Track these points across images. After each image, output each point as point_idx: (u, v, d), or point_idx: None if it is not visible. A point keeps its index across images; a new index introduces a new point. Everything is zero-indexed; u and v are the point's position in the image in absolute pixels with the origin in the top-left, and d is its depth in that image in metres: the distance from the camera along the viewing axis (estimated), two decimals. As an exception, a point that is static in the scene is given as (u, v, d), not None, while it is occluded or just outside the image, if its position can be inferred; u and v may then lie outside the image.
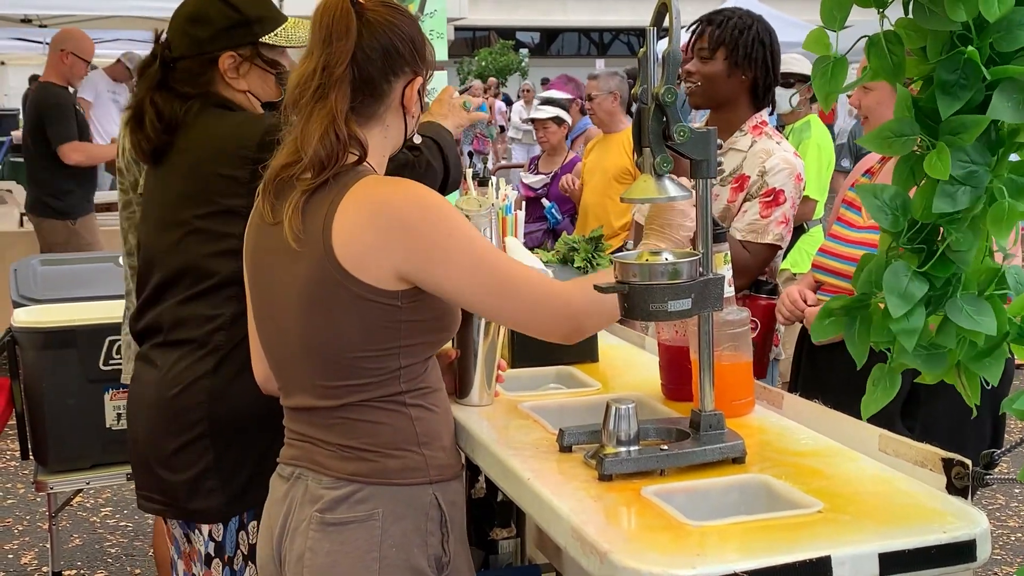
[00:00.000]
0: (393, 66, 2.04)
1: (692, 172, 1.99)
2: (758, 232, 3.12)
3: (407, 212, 1.96)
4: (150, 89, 2.49)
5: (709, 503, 1.87)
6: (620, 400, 1.99)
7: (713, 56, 3.16)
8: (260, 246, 2.13)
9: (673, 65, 1.93)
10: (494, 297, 2.00)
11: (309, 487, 2.04)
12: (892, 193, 1.63)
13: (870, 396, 1.71)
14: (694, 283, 1.95)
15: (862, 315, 1.69)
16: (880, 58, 1.64)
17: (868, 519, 1.74)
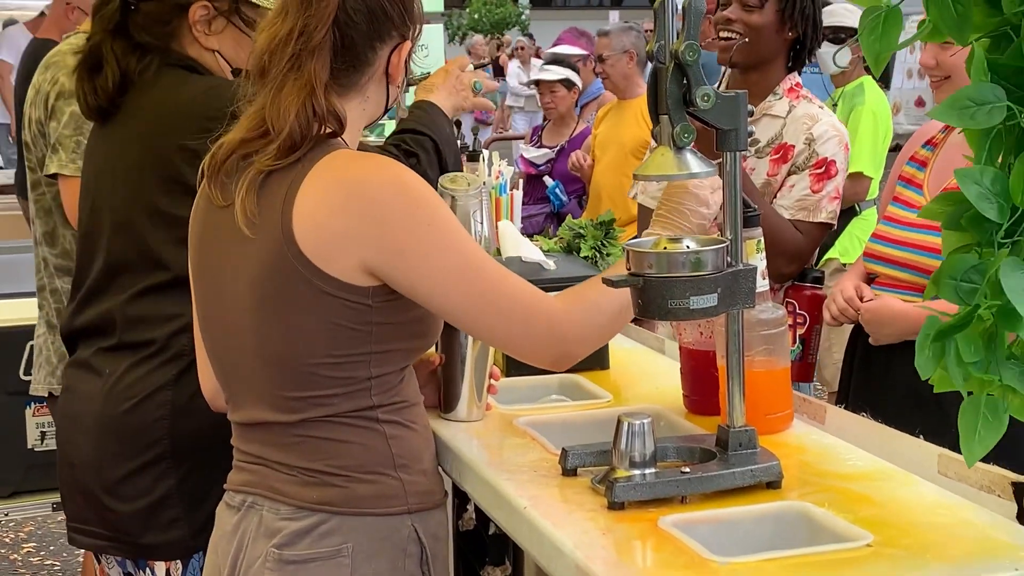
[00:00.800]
0: (379, 30, 2.05)
1: (719, 144, 1.99)
2: (809, 209, 3.13)
3: (383, 196, 1.96)
4: (107, 32, 2.48)
5: (739, 536, 1.88)
6: (634, 415, 1.99)
7: (762, 5, 3.15)
8: (207, 234, 2.13)
9: (695, 16, 1.93)
10: (473, 308, 2.01)
11: (264, 518, 2.04)
12: (993, 176, 1.61)
13: (970, 435, 1.66)
14: (720, 275, 1.95)
15: (962, 335, 1.65)
16: (941, 9, 1.63)
17: (926, 554, 1.74)
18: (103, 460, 2.44)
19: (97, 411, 2.45)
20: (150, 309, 2.43)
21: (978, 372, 1.63)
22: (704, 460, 2.04)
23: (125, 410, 2.41)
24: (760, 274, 2.22)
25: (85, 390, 2.50)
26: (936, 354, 1.64)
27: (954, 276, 1.65)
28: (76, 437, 2.52)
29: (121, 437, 2.41)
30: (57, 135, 2.97)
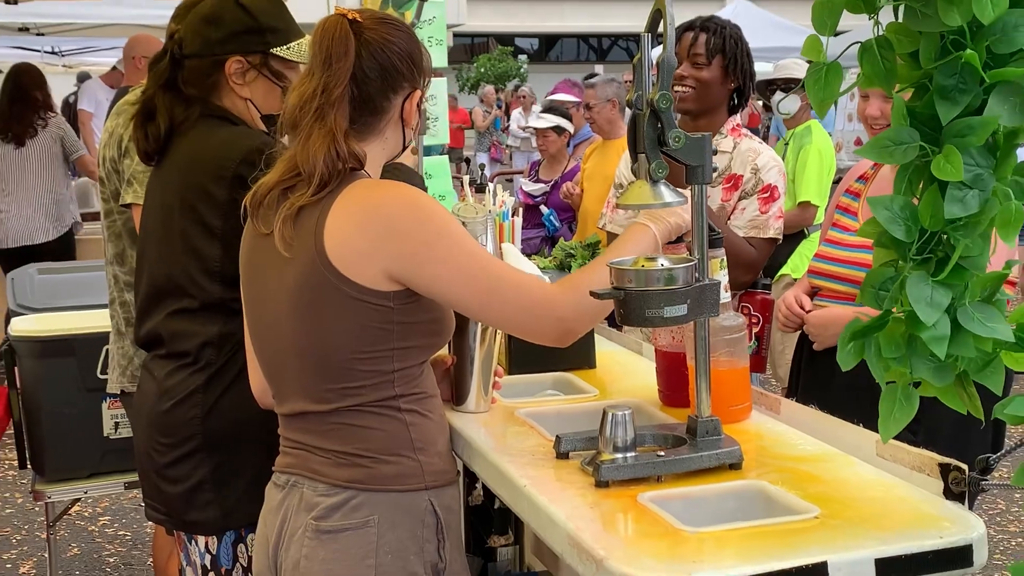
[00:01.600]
0: (392, 83, 2.06)
1: (687, 178, 1.99)
2: (760, 228, 3.17)
3: (397, 212, 1.98)
4: (160, 87, 2.48)
5: (706, 509, 1.87)
6: (616, 406, 1.99)
7: (710, 62, 3.18)
8: (253, 257, 2.14)
9: (668, 71, 1.93)
10: (483, 299, 2.01)
11: (304, 495, 2.04)
12: (902, 203, 1.62)
13: (887, 417, 1.68)
14: (690, 289, 1.96)
15: (882, 334, 1.67)
16: (873, 64, 1.64)
17: (865, 524, 1.74)
18: (153, 449, 2.45)
19: (150, 408, 2.46)
20: (182, 327, 2.43)
21: (897, 366, 1.64)
22: (676, 445, 2.03)
23: (166, 409, 2.41)
24: (723, 288, 2.22)
25: (145, 389, 2.52)
26: (856, 350, 1.66)
27: (874, 286, 1.67)
28: (137, 428, 2.54)
29: (164, 431, 2.42)
30: (131, 171, 2.97)
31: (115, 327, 3.20)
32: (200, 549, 2.45)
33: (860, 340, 1.68)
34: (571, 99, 7.41)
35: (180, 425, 2.40)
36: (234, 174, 2.32)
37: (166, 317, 2.45)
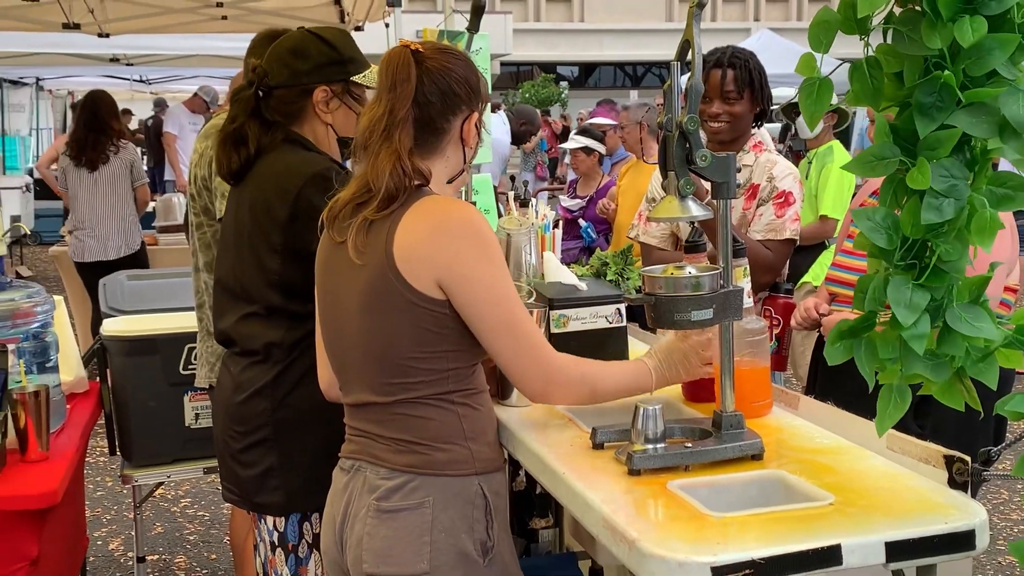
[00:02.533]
0: (451, 106, 2.07)
1: (713, 193, 1.99)
2: (776, 230, 3.15)
3: (459, 230, 1.99)
4: (247, 115, 2.50)
5: (730, 496, 1.87)
6: (648, 402, 1.99)
7: (741, 97, 3.17)
8: (328, 263, 2.16)
9: (695, 96, 1.93)
10: (497, 331, 2.01)
11: (367, 478, 2.06)
12: (883, 214, 1.63)
13: (883, 414, 1.68)
14: (715, 295, 1.96)
15: (868, 336, 1.67)
16: (862, 82, 1.64)
17: (876, 511, 1.73)
18: (229, 436, 2.48)
19: (226, 399, 2.49)
20: (250, 330, 2.46)
21: (892, 366, 1.64)
22: (703, 438, 2.02)
23: (240, 401, 2.44)
24: (746, 294, 2.21)
25: (223, 383, 2.55)
26: (845, 349, 1.66)
27: (863, 290, 1.67)
28: (216, 418, 2.57)
29: (238, 420, 2.45)
30: (222, 188, 3.00)
31: (204, 328, 3.24)
32: (269, 527, 2.47)
33: (848, 340, 1.68)
34: (607, 122, 7.41)
35: (252, 416, 2.43)
36: (296, 196, 2.35)
37: (237, 321, 2.48)
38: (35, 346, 2.93)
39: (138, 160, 6.84)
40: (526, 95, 28.94)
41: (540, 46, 35.07)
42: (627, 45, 35.68)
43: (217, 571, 4.48)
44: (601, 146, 7.07)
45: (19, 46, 10.73)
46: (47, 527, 2.64)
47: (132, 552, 4.38)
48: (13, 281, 3.03)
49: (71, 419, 3.07)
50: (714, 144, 3.17)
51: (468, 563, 2.01)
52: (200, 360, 3.24)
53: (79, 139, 6.65)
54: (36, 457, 2.67)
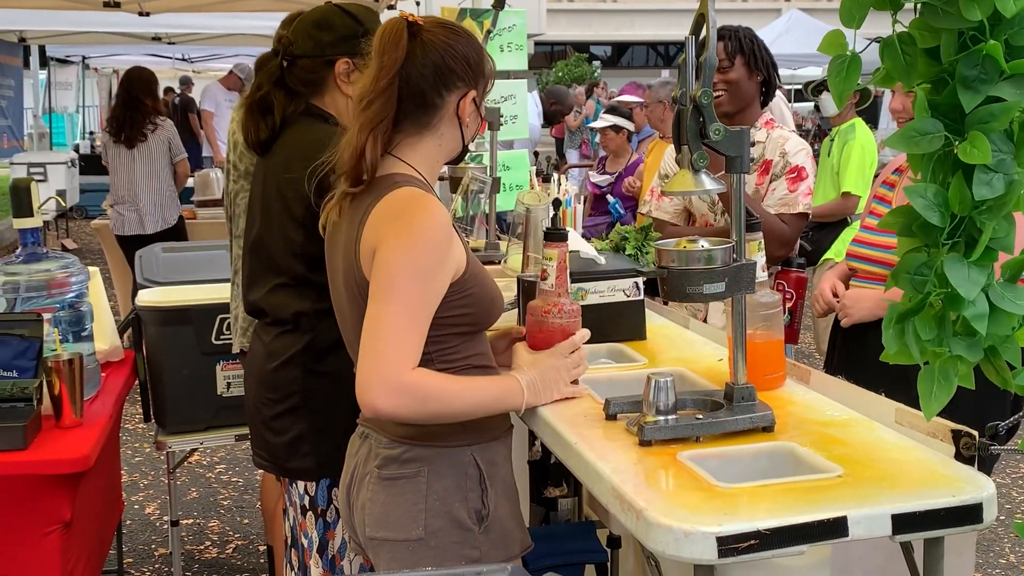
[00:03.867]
0: (445, 81, 2.02)
1: (727, 167, 1.96)
2: (789, 204, 3.14)
3: (398, 220, 1.93)
4: (272, 84, 2.49)
5: (739, 467, 1.85)
6: (660, 374, 1.97)
7: (733, 64, 3.14)
8: (329, 245, 2.16)
9: (709, 70, 1.90)
10: (368, 323, 1.90)
11: (372, 446, 2.07)
12: (935, 191, 1.57)
13: (928, 396, 1.62)
14: (728, 268, 1.93)
15: (918, 317, 1.62)
16: (893, 59, 1.59)
17: (883, 483, 1.71)
18: (260, 403, 2.48)
19: (258, 367, 2.49)
20: (279, 300, 2.45)
21: (932, 347, 1.59)
22: (714, 409, 2.00)
23: (272, 368, 2.44)
24: (760, 268, 2.18)
25: (254, 351, 2.55)
26: (898, 333, 1.61)
27: (908, 271, 1.62)
28: (248, 385, 2.57)
29: (270, 388, 2.45)
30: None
31: (237, 295, 3.24)
32: (300, 491, 2.47)
33: (901, 324, 1.63)
34: (635, 100, 7.37)
35: (283, 383, 2.43)
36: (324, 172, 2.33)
37: (267, 292, 2.48)
38: (70, 315, 2.94)
39: (176, 136, 6.88)
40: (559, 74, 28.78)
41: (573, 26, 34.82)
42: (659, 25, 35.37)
43: (249, 535, 4.51)
44: (629, 123, 7.03)
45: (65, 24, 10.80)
46: (80, 491, 2.66)
47: (167, 516, 4.42)
48: (49, 252, 3.04)
49: (106, 387, 3.09)
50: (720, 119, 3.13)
51: (462, 530, 2.01)
52: (234, 326, 3.24)
53: (117, 116, 6.71)
54: (70, 423, 2.69)
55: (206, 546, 4.41)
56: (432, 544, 1.99)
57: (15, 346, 2.69)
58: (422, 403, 1.89)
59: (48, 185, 10.89)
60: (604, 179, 6.97)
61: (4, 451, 2.49)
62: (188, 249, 4.86)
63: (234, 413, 3.59)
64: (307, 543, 2.47)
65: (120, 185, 6.67)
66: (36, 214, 3.00)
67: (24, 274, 2.91)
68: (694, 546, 1.55)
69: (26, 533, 2.55)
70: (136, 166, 6.65)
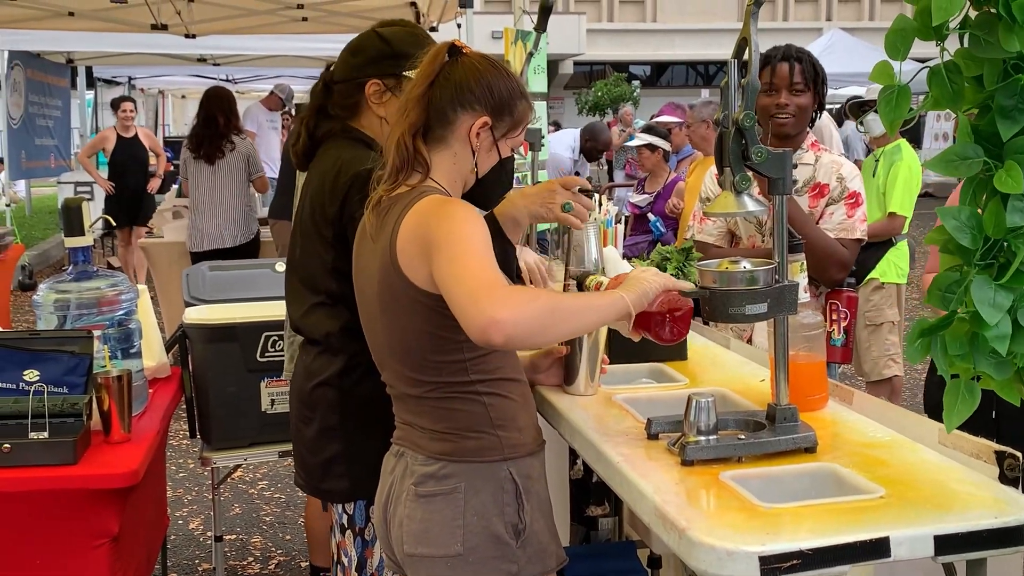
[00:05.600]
0: (460, 98, 2.06)
1: (769, 189, 1.97)
2: (847, 230, 3.15)
3: (434, 212, 1.97)
4: (313, 110, 2.55)
5: (782, 488, 1.85)
6: (701, 394, 1.98)
7: (807, 89, 3.16)
8: (359, 262, 2.19)
9: (751, 93, 1.92)
10: (450, 282, 1.86)
11: (408, 464, 2.10)
12: (968, 213, 1.59)
13: (951, 410, 1.64)
14: (770, 289, 1.94)
15: (947, 332, 1.64)
16: (940, 87, 1.61)
17: (926, 504, 1.71)
18: (301, 422, 2.51)
19: (299, 386, 2.52)
20: (313, 320, 2.47)
21: (961, 362, 1.61)
22: (756, 430, 2.01)
23: (311, 388, 2.46)
24: (802, 289, 2.19)
25: (297, 371, 2.57)
26: (923, 347, 1.63)
27: (940, 289, 1.64)
28: (291, 403, 2.59)
29: (309, 406, 2.48)
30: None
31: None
32: (339, 510, 2.50)
33: (927, 338, 1.65)
34: (672, 120, 7.38)
35: (321, 404, 2.45)
36: (344, 192, 2.37)
37: (304, 311, 2.51)
38: (119, 333, 3.00)
39: (254, 153, 7.07)
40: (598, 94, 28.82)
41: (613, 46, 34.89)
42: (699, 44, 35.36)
43: (291, 551, 4.55)
44: (665, 143, 7.04)
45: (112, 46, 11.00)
46: (128, 505, 2.71)
47: (211, 532, 4.48)
48: (99, 271, 3.10)
49: (153, 403, 3.14)
50: (777, 139, 3.15)
51: (500, 545, 2.03)
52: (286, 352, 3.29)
53: (197, 134, 6.94)
54: (119, 439, 2.74)
55: (248, 562, 4.45)
56: (471, 560, 2.01)
57: (66, 362, 2.74)
58: (532, 300, 1.81)
59: (95, 204, 11.07)
60: (643, 199, 6.98)
61: (55, 466, 2.53)
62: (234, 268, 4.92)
63: (278, 430, 3.63)
64: (347, 561, 2.49)
65: (200, 199, 6.86)
66: (87, 233, 3.06)
67: (75, 292, 2.97)
68: (737, 565, 1.56)
69: (75, 546, 2.59)
70: (215, 182, 6.85)
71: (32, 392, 2.63)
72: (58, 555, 2.59)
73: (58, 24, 8.74)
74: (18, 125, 11.71)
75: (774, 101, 3.13)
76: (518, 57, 4.89)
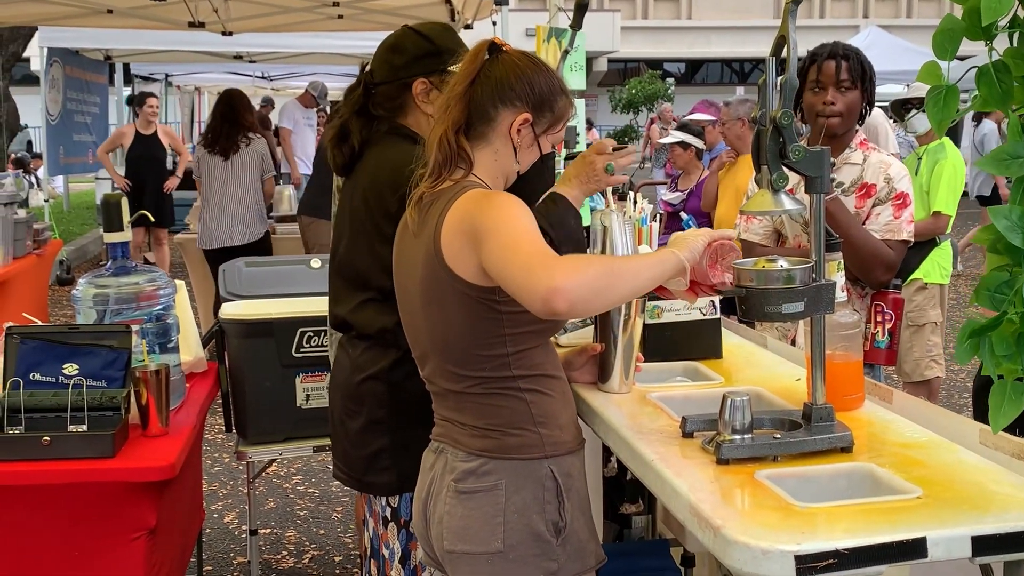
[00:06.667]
0: (501, 95, 2.08)
1: (806, 187, 1.97)
2: (894, 231, 3.11)
3: (479, 203, 1.98)
4: (352, 112, 2.54)
5: (817, 487, 1.84)
6: (735, 393, 1.97)
7: (854, 87, 3.12)
8: (400, 257, 2.20)
9: (789, 91, 1.91)
10: (502, 263, 1.86)
11: (448, 460, 2.10)
12: (1020, 213, 1.58)
13: (997, 410, 1.63)
14: (807, 288, 1.93)
15: (995, 333, 1.63)
16: (989, 86, 1.60)
17: (964, 505, 1.69)
18: (345, 416, 2.52)
19: (344, 379, 2.53)
20: (366, 316, 2.48)
21: (1008, 363, 1.59)
22: (792, 429, 2.00)
23: (358, 382, 2.48)
24: (840, 288, 2.18)
25: (340, 363, 2.58)
26: (972, 347, 1.62)
27: (989, 289, 1.62)
28: (333, 397, 2.60)
29: (356, 399, 2.49)
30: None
31: None
32: (382, 503, 2.51)
33: (976, 338, 1.64)
34: (706, 118, 7.36)
35: (368, 397, 2.47)
36: (405, 188, 2.37)
37: (353, 307, 2.52)
38: (157, 327, 3.03)
39: (268, 153, 7.05)
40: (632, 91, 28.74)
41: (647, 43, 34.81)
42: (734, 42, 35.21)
43: (325, 545, 4.58)
44: (698, 141, 7.02)
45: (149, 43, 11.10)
46: (165, 499, 2.74)
47: (245, 525, 4.51)
48: (138, 266, 3.13)
49: (190, 397, 3.17)
50: (825, 138, 3.12)
51: (541, 542, 2.03)
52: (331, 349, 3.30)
53: (214, 129, 6.95)
54: (156, 432, 2.77)
55: (283, 555, 4.49)
56: (511, 557, 2.02)
57: (104, 356, 2.78)
58: (588, 265, 1.82)
59: (126, 201, 11.15)
60: (676, 196, 6.96)
61: (93, 458, 2.57)
62: (270, 264, 4.96)
63: (313, 425, 3.66)
64: (388, 554, 2.51)
65: (211, 196, 6.86)
66: (126, 228, 3.10)
67: (113, 287, 3.00)
68: (772, 564, 1.55)
69: (113, 539, 2.63)
70: (228, 178, 6.85)
71: (71, 385, 2.66)
72: (96, 547, 2.62)
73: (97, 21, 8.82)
74: (56, 121, 11.84)
75: (821, 99, 3.10)
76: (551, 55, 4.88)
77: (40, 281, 6.90)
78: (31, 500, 2.58)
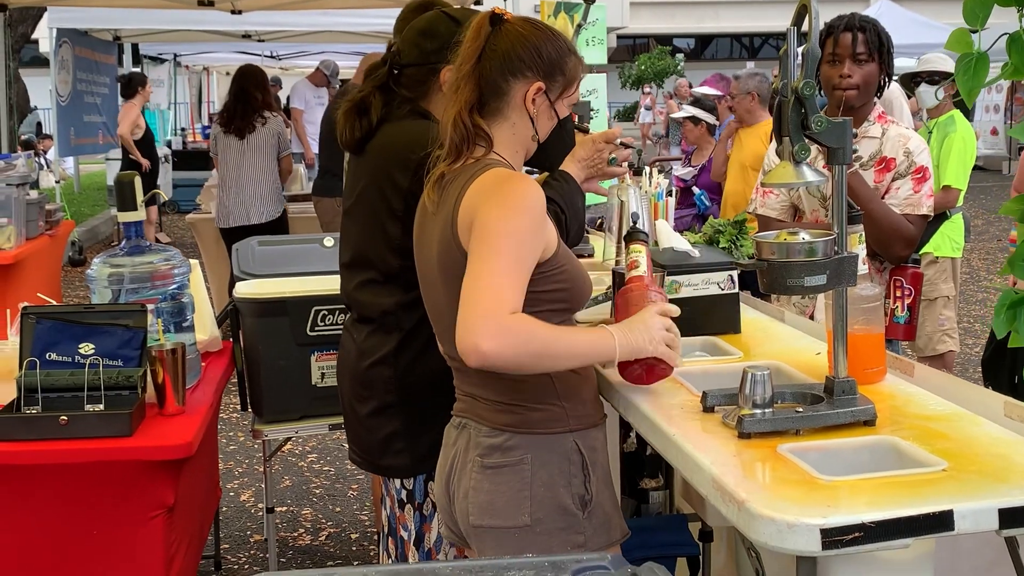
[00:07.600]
0: (511, 67, 2.04)
1: (828, 159, 1.94)
2: (914, 205, 3.09)
3: (494, 189, 1.96)
4: (375, 88, 2.51)
5: (841, 461, 1.83)
6: (756, 367, 1.96)
7: (871, 59, 3.08)
8: (421, 233, 2.18)
9: (812, 62, 1.88)
10: (465, 283, 1.89)
11: (472, 436, 2.09)
12: None
13: None
14: (829, 261, 1.91)
15: None
16: (1021, 54, 1.58)
17: (990, 478, 1.68)
18: (355, 399, 2.51)
19: (351, 365, 2.52)
20: (366, 297, 2.47)
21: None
22: (814, 403, 1.99)
23: (366, 366, 2.47)
24: (861, 260, 2.16)
25: (347, 347, 2.57)
26: (1009, 319, 1.60)
27: (1022, 260, 1.60)
28: (341, 381, 2.60)
29: (364, 385, 2.48)
30: None
31: None
32: (397, 485, 2.50)
33: (1013, 310, 1.62)
34: (715, 92, 7.32)
35: (377, 383, 2.46)
36: (417, 164, 2.34)
37: (355, 287, 2.50)
38: (172, 306, 3.03)
39: (284, 131, 7.00)
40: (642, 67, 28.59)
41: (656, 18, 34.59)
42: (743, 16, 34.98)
43: (341, 523, 4.59)
44: (710, 116, 6.98)
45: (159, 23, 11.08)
46: (183, 477, 2.74)
47: (262, 503, 4.53)
48: (152, 245, 3.12)
49: (205, 376, 3.17)
50: (842, 111, 3.09)
51: (567, 516, 2.03)
52: None
53: (229, 108, 6.89)
54: (173, 411, 2.77)
55: (299, 533, 4.50)
56: (538, 530, 2.01)
57: (120, 336, 2.77)
58: (524, 343, 1.84)
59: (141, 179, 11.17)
60: (688, 171, 6.94)
61: (111, 438, 2.56)
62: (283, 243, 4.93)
63: (328, 403, 3.65)
64: (406, 535, 2.50)
65: (227, 175, 6.83)
66: (140, 208, 3.09)
67: (128, 266, 2.99)
68: (798, 538, 1.54)
69: (131, 517, 2.63)
70: (244, 157, 6.80)
71: (88, 365, 2.66)
72: (114, 526, 2.63)
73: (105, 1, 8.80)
74: (66, 102, 11.83)
75: (837, 72, 3.07)
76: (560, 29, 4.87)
77: (53, 262, 6.91)
78: (49, 480, 2.58)
